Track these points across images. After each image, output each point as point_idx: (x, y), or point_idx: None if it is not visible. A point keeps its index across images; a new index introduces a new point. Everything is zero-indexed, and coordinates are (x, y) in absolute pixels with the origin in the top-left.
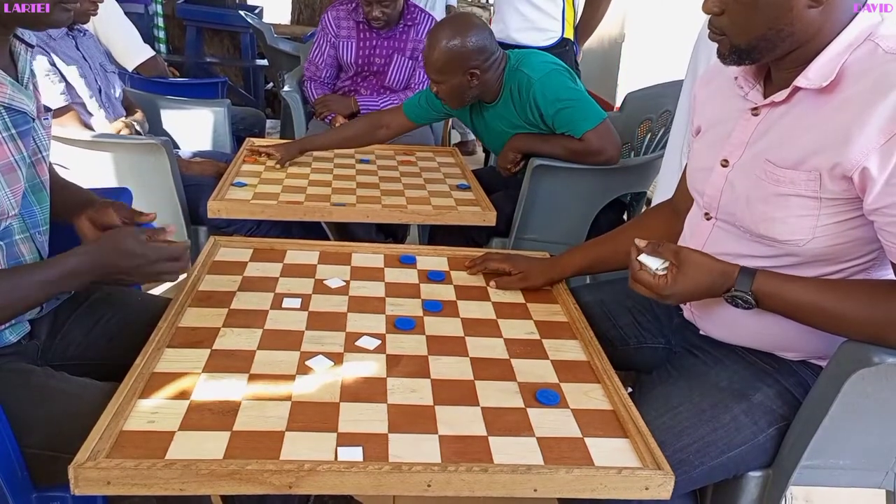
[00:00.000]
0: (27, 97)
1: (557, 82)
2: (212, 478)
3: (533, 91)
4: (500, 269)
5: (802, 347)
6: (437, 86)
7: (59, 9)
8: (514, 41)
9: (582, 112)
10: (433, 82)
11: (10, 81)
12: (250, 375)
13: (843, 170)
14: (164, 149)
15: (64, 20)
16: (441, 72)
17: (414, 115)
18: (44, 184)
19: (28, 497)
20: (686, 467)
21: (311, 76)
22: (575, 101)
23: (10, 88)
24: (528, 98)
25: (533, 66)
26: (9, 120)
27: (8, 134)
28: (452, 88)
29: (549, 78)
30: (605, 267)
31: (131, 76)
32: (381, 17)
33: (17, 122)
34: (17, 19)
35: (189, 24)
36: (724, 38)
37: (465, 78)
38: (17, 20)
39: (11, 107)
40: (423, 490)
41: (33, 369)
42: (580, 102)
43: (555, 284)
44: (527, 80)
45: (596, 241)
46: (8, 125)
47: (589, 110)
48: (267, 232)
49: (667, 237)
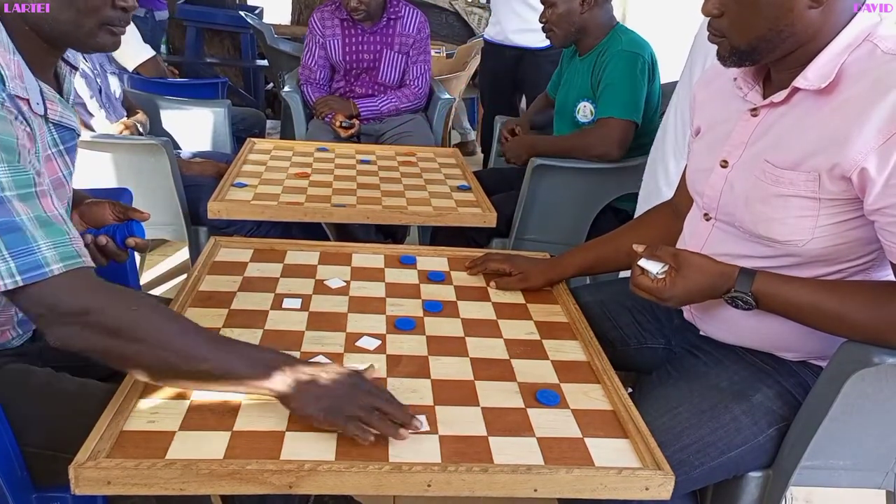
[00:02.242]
0: (74, 115)
1: (629, 65)
2: (212, 478)
3: (609, 58)
4: (500, 269)
5: (802, 348)
6: (549, 9)
7: (106, 32)
8: (511, 42)
9: (619, 99)
10: (546, 6)
11: (59, 99)
12: None
13: (841, 170)
14: (164, 149)
15: (109, 44)
16: None
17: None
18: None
19: (28, 497)
20: (686, 468)
21: (306, 79)
22: (622, 89)
23: (60, 106)
24: (603, 62)
25: (629, 41)
26: (58, 136)
27: (57, 150)
28: (562, 15)
29: (625, 57)
30: (606, 268)
31: (131, 76)
32: (360, 8)
33: (65, 139)
34: (67, 41)
35: (189, 25)
36: (724, 40)
37: (577, 3)
38: (67, 42)
39: (61, 124)
40: (423, 490)
41: (34, 370)
42: (625, 93)
43: (555, 285)
44: (612, 46)
45: (596, 241)
46: (57, 141)
47: (625, 103)
48: (267, 232)
49: (667, 237)
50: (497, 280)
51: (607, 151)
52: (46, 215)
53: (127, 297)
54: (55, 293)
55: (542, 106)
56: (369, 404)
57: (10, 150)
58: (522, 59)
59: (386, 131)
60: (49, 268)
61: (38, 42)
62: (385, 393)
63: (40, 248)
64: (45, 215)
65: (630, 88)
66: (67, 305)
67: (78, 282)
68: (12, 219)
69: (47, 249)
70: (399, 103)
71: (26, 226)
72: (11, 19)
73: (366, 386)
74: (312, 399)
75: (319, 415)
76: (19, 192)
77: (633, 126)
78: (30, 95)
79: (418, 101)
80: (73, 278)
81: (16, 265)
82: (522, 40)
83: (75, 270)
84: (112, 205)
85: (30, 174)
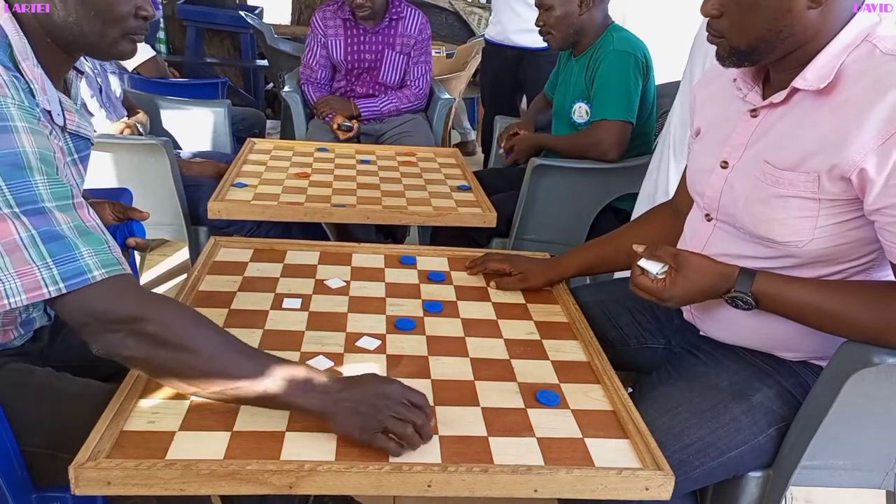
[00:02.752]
0: (89, 124)
1: (623, 65)
2: (212, 478)
3: (602, 58)
4: (500, 269)
5: (802, 348)
6: (546, 13)
7: (127, 41)
8: (512, 42)
9: (613, 100)
10: (543, 10)
11: (75, 109)
12: None
13: (841, 171)
14: (164, 149)
15: (129, 52)
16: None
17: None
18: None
19: (28, 497)
20: (686, 468)
21: (306, 79)
22: (615, 89)
23: (77, 116)
24: (597, 62)
25: (621, 40)
26: (73, 146)
27: (71, 159)
28: (560, 16)
29: (621, 56)
30: (606, 268)
31: (131, 76)
32: (366, 5)
33: (80, 148)
34: (88, 50)
35: (189, 25)
36: (723, 41)
37: (576, 3)
38: (88, 51)
39: (77, 133)
40: (423, 490)
41: (34, 369)
42: (620, 92)
43: (555, 285)
44: (606, 46)
45: (597, 241)
46: (72, 150)
47: (620, 103)
48: (267, 232)
49: (668, 237)
50: (497, 280)
51: (603, 153)
52: (85, 225)
53: (172, 306)
54: (98, 300)
55: (542, 106)
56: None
57: (50, 164)
58: (523, 59)
59: (386, 131)
60: (91, 274)
61: (56, 51)
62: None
63: (82, 255)
64: (84, 225)
65: (623, 88)
66: (113, 313)
67: (120, 288)
68: (54, 228)
69: (89, 257)
70: (400, 104)
71: (67, 234)
72: (32, 30)
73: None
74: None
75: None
76: (58, 204)
77: (628, 126)
78: (52, 107)
79: (419, 101)
80: (115, 285)
81: (59, 272)
82: (523, 40)
83: (116, 277)
84: (112, 205)
85: (67, 186)
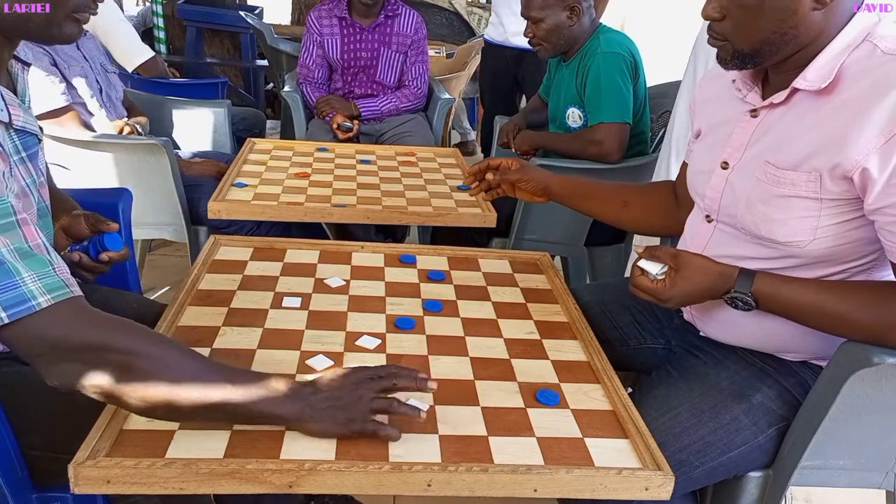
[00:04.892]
0: (34, 118)
1: (612, 66)
2: (212, 477)
3: (592, 61)
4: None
5: (802, 348)
6: (535, 25)
7: (71, 21)
8: (512, 43)
9: (608, 102)
10: (532, 22)
11: (19, 103)
12: None
13: (843, 170)
14: (164, 149)
15: (76, 34)
16: (543, 6)
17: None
18: (48, 208)
19: (28, 497)
20: (686, 468)
21: (304, 78)
22: (609, 91)
23: (21, 110)
24: (587, 65)
25: (607, 42)
26: (20, 143)
27: (19, 157)
28: (550, 28)
29: (608, 58)
30: (592, 208)
31: (131, 77)
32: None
33: (28, 145)
34: (25, 33)
35: (189, 25)
36: (726, 44)
37: (566, 15)
38: (25, 34)
39: (24, 129)
40: (423, 490)
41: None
42: (613, 94)
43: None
44: (595, 49)
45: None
46: (19, 148)
47: (615, 105)
48: (267, 232)
49: (663, 211)
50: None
51: (605, 156)
52: (28, 246)
53: (132, 330)
54: (49, 328)
55: (537, 106)
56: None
57: None
58: (522, 60)
59: (386, 131)
60: (36, 301)
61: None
62: (387, 369)
63: (24, 281)
64: (27, 246)
65: (615, 90)
66: (69, 340)
67: (73, 314)
68: None
69: (31, 282)
70: (399, 103)
71: (7, 259)
72: None
73: (367, 375)
74: (329, 417)
75: (344, 430)
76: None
77: (626, 126)
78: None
79: (418, 101)
80: (65, 311)
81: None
82: (523, 42)
83: (65, 302)
84: (86, 217)
85: (7, 203)
